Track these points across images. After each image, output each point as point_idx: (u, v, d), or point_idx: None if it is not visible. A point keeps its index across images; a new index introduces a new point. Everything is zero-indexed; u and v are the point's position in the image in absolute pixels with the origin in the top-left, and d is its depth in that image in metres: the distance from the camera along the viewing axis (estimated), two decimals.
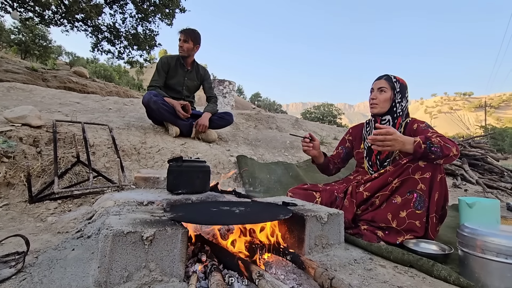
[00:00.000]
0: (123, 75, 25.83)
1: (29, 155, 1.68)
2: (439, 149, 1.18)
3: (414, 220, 1.22)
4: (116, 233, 0.75)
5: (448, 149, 1.19)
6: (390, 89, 1.47)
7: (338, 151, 1.75)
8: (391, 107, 1.48)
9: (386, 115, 1.49)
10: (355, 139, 1.70)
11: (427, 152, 1.19)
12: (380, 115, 1.51)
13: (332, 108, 29.62)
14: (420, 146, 1.19)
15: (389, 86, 1.47)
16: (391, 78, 1.49)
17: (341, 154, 1.73)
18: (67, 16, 8.76)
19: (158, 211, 1.06)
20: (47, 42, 18.75)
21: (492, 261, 0.85)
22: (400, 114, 1.47)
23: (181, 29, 2.77)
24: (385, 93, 1.46)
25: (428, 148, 1.18)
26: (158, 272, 0.80)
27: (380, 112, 1.49)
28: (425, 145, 1.19)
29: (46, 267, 0.87)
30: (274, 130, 4.13)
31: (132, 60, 10.79)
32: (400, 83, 1.48)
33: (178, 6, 9.51)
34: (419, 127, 1.41)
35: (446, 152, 1.18)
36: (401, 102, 1.47)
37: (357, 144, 1.68)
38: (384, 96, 1.46)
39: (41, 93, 3.68)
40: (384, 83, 1.48)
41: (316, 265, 0.88)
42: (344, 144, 1.74)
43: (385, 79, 1.49)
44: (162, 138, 2.52)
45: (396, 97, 1.47)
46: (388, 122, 1.49)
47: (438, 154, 1.18)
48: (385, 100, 1.46)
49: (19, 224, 1.25)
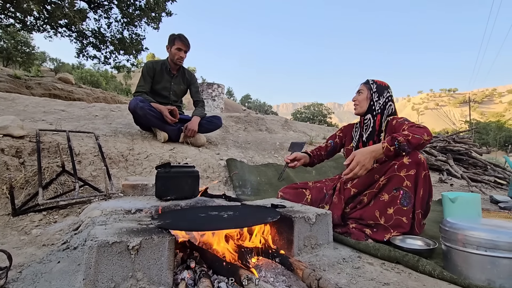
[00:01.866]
0: (110, 80, 25.43)
1: (11, 166, 1.63)
2: (407, 144, 1.24)
3: (401, 216, 1.26)
4: (101, 243, 0.74)
5: (416, 139, 1.25)
6: (366, 90, 1.59)
7: (327, 144, 1.82)
8: (370, 106, 1.57)
9: (367, 114, 1.59)
10: (345, 136, 1.77)
11: (398, 151, 1.26)
12: (362, 115, 1.62)
13: (322, 107, 29.94)
14: (389, 150, 1.25)
15: (366, 87, 1.60)
16: (368, 81, 1.62)
17: (328, 147, 1.81)
18: (50, 21, 8.57)
19: (146, 219, 1.05)
20: (30, 48, 18.31)
21: (473, 254, 0.88)
22: (378, 111, 1.55)
23: (180, 37, 2.68)
24: (362, 94, 1.59)
25: (397, 148, 1.25)
26: (145, 281, 0.79)
27: (360, 112, 1.60)
28: (393, 146, 1.25)
29: (30, 282, 0.85)
30: (264, 132, 4.15)
31: (119, 65, 10.62)
32: (377, 84, 1.59)
33: (164, 10, 9.43)
34: (397, 122, 1.49)
35: (414, 142, 1.25)
36: (378, 100, 1.57)
37: (347, 142, 1.74)
38: (361, 96, 1.59)
39: (24, 101, 3.58)
40: (361, 86, 1.63)
41: (304, 266, 0.89)
42: (333, 138, 1.82)
43: (363, 83, 1.64)
44: (150, 144, 2.49)
45: (373, 96, 1.57)
46: (369, 121, 1.58)
47: (408, 150, 1.26)
48: (363, 100, 1.58)
49: (2, 238, 1.22)
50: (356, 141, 1.64)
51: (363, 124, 1.62)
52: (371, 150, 1.27)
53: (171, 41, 2.69)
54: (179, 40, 2.68)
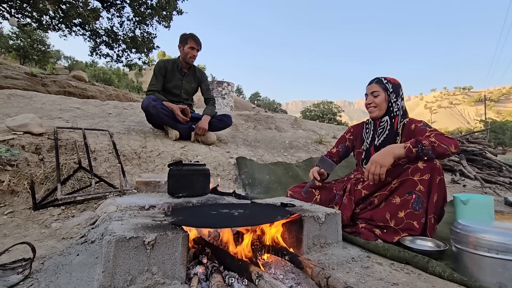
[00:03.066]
0: (122, 78, 25.89)
1: (31, 162, 1.71)
2: (432, 150, 1.21)
3: (412, 220, 1.24)
4: (119, 238, 0.78)
5: (443, 148, 1.22)
6: (383, 91, 1.50)
7: (338, 149, 1.75)
8: (388, 108, 1.50)
9: (384, 117, 1.52)
10: (356, 138, 1.71)
11: (419, 155, 1.23)
12: (379, 118, 1.53)
13: (331, 105, 29.62)
14: (411, 151, 1.23)
15: (381, 88, 1.50)
16: (381, 80, 1.52)
17: (340, 153, 1.74)
18: (65, 21, 8.80)
19: (160, 215, 1.09)
20: (46, 47, 18.81)
21: (484, 256, 0.87)
22: (397, 113, 1.49)
23: (193, 36, 2.73)
24: (380, 96, 1.49)
25: (420, 151, 1.22)
26: (160, 275, 0.83)
27: (379, 115, 1.52)
28: (416, 148, 1.23)
29: (52, 273, 0.90)
30: (273, 130, 4.16)
31: (130, 63, 10.83)
32: (392, 83, 1.51)
33: (175, 8, 9.53)
34: (417, 127, 1.43)
35: (439, 151, 1.22)
36: (396, 101, 1.50)
37: (358, 144, 1.68)
38: (379, 99, 1.49)
39: (41, 99, 3.71)
40: (376, 86, 1.51)
41: (313, 264, 0.91)
42: (344, 142, 1.74)
43: (376, 82, 1.52)
44: (162, 142, 2.55)
45: (391, 97, 1.50)
46: (386, 123, 1.51)
47: (431, 155, 1.22)
48: (381, 102, 1.49)
49: (24, 231, 1.28)
50: (367, 144, 1.58)
51: (378, 126, 1.54)
52: (392, 147, 1.26)
53: (184, 40, 2.74)
54: (192, 39, 2.73)
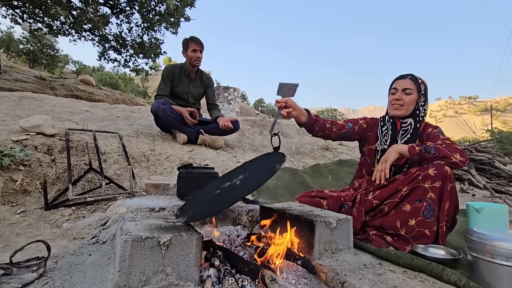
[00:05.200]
0: (128, 83, 26.22)
1: (44, 163, 1.73)
2: (435, 149, 1.23)
3: (424, 228, 1.22)
4: (135, 238, 0.78)
5: (446, 152, 1.22)
6: (416, 91, 1.38)
7: (345, 125, 1.55)
8: (414, 110, 1.40)
9: (408, 118, 1.41)
10: (369, 131, 1.57)
11: (422, 152, 1.24)
12: (402, 118, 1.43)
13: (336, 113, 29.62)
14: (414, 147, 1.25)
15: (415, 87, 1.38)
16: (417, 79, 1.39)
17: (344, 129, 1.53)
18: (75, 26, 8.99)
19: (171, 217, 1.09)
20: (55, 51, 19.20)
21: (501, 265, 0.86)
22: (423, 118, 1.42)
23: (193, 39, 2.77)
24: (412, 95, 1.38)
25: (423, 149, 1.24)
26: (174, 276, 0.82)
27: (404, 115, 1.41)
28: (420, 147, 1.24)
29: (66, 272, 0.90)
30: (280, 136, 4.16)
31: (137, 68, 10.99)
32: (425, 85, 1.41)
33: (183, 15, 9.70)
34: (432, 132, 1.41)
35: (442, 154, 1.22)
36: (424, 105, 1.41)
37: (371, 140, 1.56)
38: (411, 98, 1.38)
39: (52, 101, 3.77)
40: (410, 83, 1.38)
41: (327, 269, 0.90)
42: (355, 124, 1.56)
43: (411, 79, 1.39)
44: (171, 145, 2.56)
45: (421, 99, 1.40)
46: (410, 126, 1.41)
47: (434, 154, 1.23)
48: (411, 102, 1.38)
49: (36, 231, 1.29)
50: (385, 144, 1.46)
51: (400, 128, 1.44)
52: (396, 145, 1.28)
53: (185, 45, 2.78)
54: (193, 41, 2.76)
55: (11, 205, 1.48)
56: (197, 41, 2.77)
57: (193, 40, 2.77)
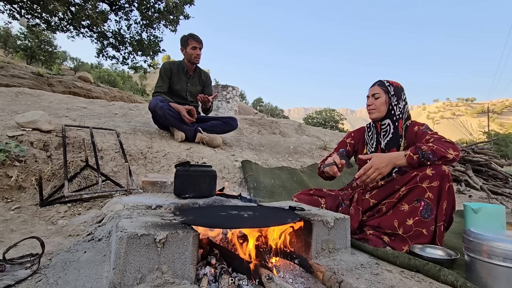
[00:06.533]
0: (126, 80, 26.10)
1: (39, 159, 1.71)
2: (432, 154, 1.22)
3: (421, 228, 1.22)
4: (131, 235, 0.77)
5: (441, 151, 1.22)
6: (384, 93, 1.50)
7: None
8: (389, 111, 1.50)
9: (385, 119, 1.52)
10: (357, 143, 1.69)
11: (421, 160, 1.23)
12: (379, 120, 1.53)
13: (334, 113, 29.68)
14: (412, 158, 1.23)
15: (383, 90, 1.50)
16: (384, 83, 1.52)
17: None
18: (74, 22, 8.92)
19: (168, 215, 1.08)
20: (53, 47, 19.05)
21: (499, 266, 0.86)
22: (400, 116, 1.49)
23: (193, 36, 2.74)
24: (380, 98, 1.50)
25: (421, 156, 1.22)
26: (170, 274, 0.81)
27: (378, 117, 1.51)
28: (417, 155, 1.23)
29: (60, 269, 0.89)
30: (278, 135, 4.16)
31: (136, 65, 10.93)
32: (394, 86, 1.51)
33: (183, 13, 9.65)
34: (419, 129, 1.43)
35: (439, 154, 1.22)
36: (398, 104, 1.49)
37: (360, 149, 1.66)
38: (380, 101, 1.49)
39: (49, 98, 3.74)
40: (377, 89, 1.52)
41: (324, 269, 0.89)
42: (344, 147, 1.70)
43: (378, 84, 1.53)
44: (168, 143, 2.55)
45: (392, 100, 1.49)
46: (388, 126, 1.50)
47: (432, 159, 1.22)
48: (381, 104, 1.49)
49: (31, 227, 1.28)
50: (371, 147, 1.57)
51: (380, 129, 1.54)
52: (391, 156, 1.25)
53: (185, 42, 2.76)
54: (192, 39, 2.74)
55: (5, 201, 1.46)
56: (196, 38, 2.75)
57: (193, 37, 2.75)
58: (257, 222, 1.01)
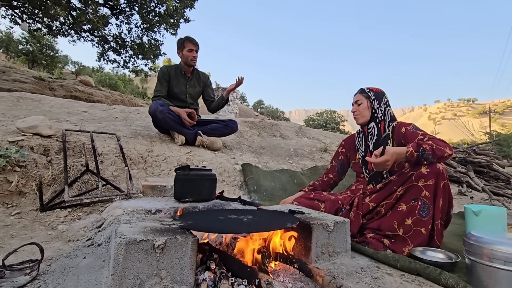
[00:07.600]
0: (127, 84, 26.20)
1: (40, 164, 1.71)
2: (431, 154, 1.24)
3: (420, 227, 1.23)
4: (129, 241, 0.77)
5: (441, 151, 1.25)
6: (365, 99, 1.60)
7: (333, 164, 1.80)
8: (372, 114, 1.58)
9: (370, 123, 1.59)
10: (349, 150, 1.76)
11: (420, 159, 1.25)
12: (365, 124, 1.62)
13: (335, 115, 29.68)
14: (413, 155, 1.25)
15: (363, 96, 1.61)
16: (364, 90, 1.63)
17: (335, 168, 1.78)
18: (75, 27, 8.98)
19: (167, 220, 1.08)
20: (54, 52, 19.15)
21: (500, 269, 0.85)
22: (382, 118, 1.57)
23: (189, 38, 2.77)
24: (362, 103, 1.60)
25: (420, 155, 1.24)
26: (169, 280, 0.81)
27: (364, 122, 1.60)
28: (417, 153, 1.25)
29: (60, 275, 0.89)
30: (278, 138, 4.16)
31: (137, 69, 10.96)
32: (374, 91, 1.60)
33: (183, 16, 9.69)
34: (407, 130, 1.47)
35: (439, 154, 1.25)
36: (379, 107, 1.58)
37: (352, 155, 1.72)
38: (362, 106, 1.59)
39: (50, 102, 3.75)
40: (359, 96, 1.63)
41: (324, 273, 0.89)
42: (338, 157, 1.80)
43: (360, 92, 1.64)
44: (168, 147, 2.55)
45: (374, 104, 1.58)
46: (373, 129, 1.57)
47: (430, 160, 1.25)
48: (364, 109, 1.59)
49: (31, 232, 1.28)
50: (362, 151, 1.63)
51: (368, 133, 1.61)
52: (396, 151, 1.26)
53: (181, 45, 2.78)
54: (188, 41, 2.76)
55: (6, 206, 1.46)
56: (192, 40, 2.78)
57: (189, 40, 2.78)
58: (256, 226, 1.01)
